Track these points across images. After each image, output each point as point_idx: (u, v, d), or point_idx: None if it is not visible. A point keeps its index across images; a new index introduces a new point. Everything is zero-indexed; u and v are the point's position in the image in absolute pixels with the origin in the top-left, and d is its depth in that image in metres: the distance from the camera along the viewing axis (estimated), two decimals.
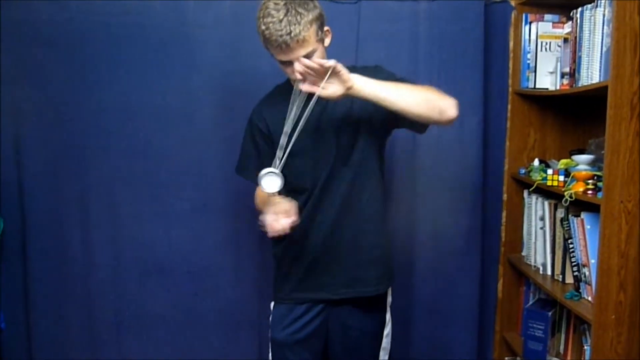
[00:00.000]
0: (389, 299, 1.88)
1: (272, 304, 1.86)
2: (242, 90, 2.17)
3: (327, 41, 1.66)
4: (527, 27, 2.31)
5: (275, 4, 1.53)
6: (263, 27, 1.53)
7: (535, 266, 2.28)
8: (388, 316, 1.87)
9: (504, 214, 2.48)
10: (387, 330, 1.87)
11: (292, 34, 1.51)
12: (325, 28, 1.63)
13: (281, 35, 1.51)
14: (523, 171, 2.35)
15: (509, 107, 2.41)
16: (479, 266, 2.41)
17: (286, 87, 1.71)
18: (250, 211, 1.89)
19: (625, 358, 1.76)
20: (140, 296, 2.36)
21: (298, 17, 1.51)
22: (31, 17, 2.15)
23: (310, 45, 1.55)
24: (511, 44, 2.39)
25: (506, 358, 2.53)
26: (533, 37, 2.30)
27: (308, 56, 1.53)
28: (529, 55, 2.32)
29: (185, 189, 2.31)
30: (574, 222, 1.96)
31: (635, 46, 1.64)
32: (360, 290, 1.77)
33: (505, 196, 2.47)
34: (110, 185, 2.29)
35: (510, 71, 2.40)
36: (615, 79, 1.66)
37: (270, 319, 1.85)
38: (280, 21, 1.50)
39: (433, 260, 2.39)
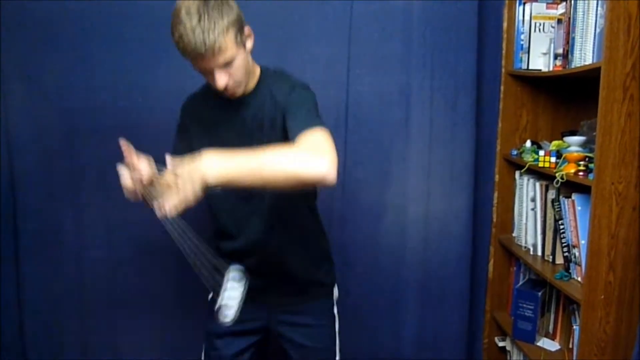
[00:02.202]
0: (335, 294, 1.87)
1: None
2: None
3: (250, 44, 1.52)
4: (520, 8, 2.30)
5: (187, 10, 1.39)
6: (176, 37, 1.41)
7: (525, 247, 2.30)
8: (335, 310, 1.85)
9: (495, 194, 2.49)
10: (337, 326, 1.84)
11: (208, 44, 1.37)
12: (246, 30, 1.49)
13: (196, 46, 1.37)
14: (515, 152, 2.35)
15: (502, 88, 2.40)
16: (469, 246, 2.42)
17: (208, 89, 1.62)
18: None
19: (613, 338, 1.78)
20: (133, 276, 2.36)
21: (212, 24, 1.37)
22: None
23: (229, 51, 1.41)
24: (505, 24, 2.38)
25: (496, 338, 2.56)
26: (527, 17, 2.29)
27: (228, 64, 1.44)
28: (522, 36, 2.31)
29: None
30: (565, 203, 1.97)
31: (628, 27, 1.64)
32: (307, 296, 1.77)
33: (496, 177, 2.48)
34: (102, 165, 2.26)
35: (504, 52, 2.39)
36: (608, 61, 1.66)
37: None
38: (193, 30, 1.36)
39: (424, 241, 2.40)
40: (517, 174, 2.38)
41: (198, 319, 2.38)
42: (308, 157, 1.31)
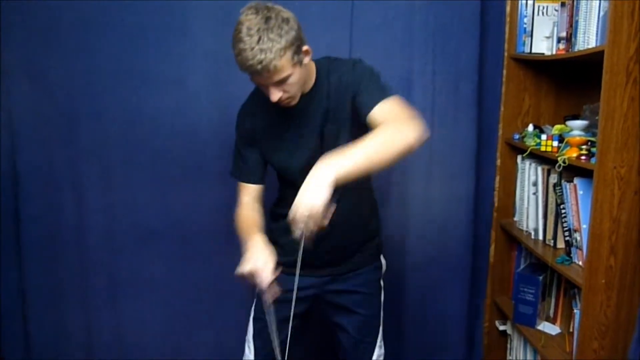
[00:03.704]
0: (383, 267, 1.92)
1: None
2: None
3: (307, 60, 1.55)
4: None
5: (249, 28, 1.43)
6: (236, 52, 1.46)
7: (527, 231, 2.30)
8: (382, 283, 1.90)
9: (497, 179, 2.49)
10: (383, 296, 1.90)
11: (264, 63, 1.42)
12: (304, 48, 1.52)
13: (252, 64, 1.42)
14: (517, 136, 2.35)
15: (504, 72, 2.39)
16: (471, 230, 2.43)
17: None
18: None
19: (614, 322, 1.79)
20: (133, 261, 2.37)
21: (270, 44, 1.42)
22: None
23: (285, 71, 1.47)
24: (508, 8, 2.36)
25: (497, 321, 2.57)
26: (530, 1, 2.27)
27: (282, 81, 1.48)
28: (525, 20, 2.29)
29: (179, 154, 2.30)
30: (567, 187, 1.97)
31: (633, 11, 1.63)
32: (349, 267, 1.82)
33: (498, 161, 2.47)
34: (103, 151, 2.27)
35: (507, 36, 2.38)
36: (611, 44, 1.64)
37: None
38: (252, 49, 1.41)
39: (426, 225, 2.40)
40: (519, 158, 2.38)
41: (201, 305, 2.41)
42: (403, 131, 1.40)
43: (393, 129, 1.41)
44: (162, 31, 2.21)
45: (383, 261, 1.93)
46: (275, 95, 1.51)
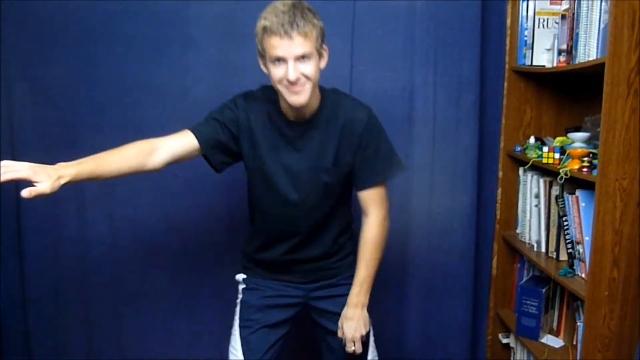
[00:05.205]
0: None
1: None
2: (238, 65, 2.17)
3: (324, 63, 1.64)
4: (524, 4, 2.29)
5: (284, 4, 1.52)
6: (264, 21, 1.52)
7: (529, 243, 2.30)
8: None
9: (499, 191, 2.48)
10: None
11: (296, 24, 1.49)
12: (325, 46, 1.62)
13: (284, 24, 1.48)
14: (519, 149, 2.35)
15: (505, 84, 2.40)
16: (473, 243, 2.42)
17: (271, 100, 1.70)
18: (243, 184, 1.88)
19: (617, 334, 1.78)
20: (136, 274, 2.36)
21: (304, 15, 1.51)
22: None
23: (310, 45, 1.53)
24: (508, 20, 2.37)
25: (500, 334, 2.55)
26: (530, 13, 2.28)
27: (304, 58, 1.52)
28: (526, 32, 2.30)
29: (181, 165, 2.29)
30: (569, 199, 1.96)
31: (633, 22, 1.63)
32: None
33: (500, 174, 2.47)
34: None
35: (507, 48, 2.38)
36: (612, 56, 1.65)
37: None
38: (285, 13, 1.49)
39: (428, 238, 2.39)
40: (521, 170, 2.37)
41: (203, 315, 2.40)
42: (385, 229, 1.79)
43: (383, 232, 1.78)
44: (166, 41, 2.22)
45: None
46: (295, 71, 1.52)
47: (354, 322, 1.76)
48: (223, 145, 1.70)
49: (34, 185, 1.31)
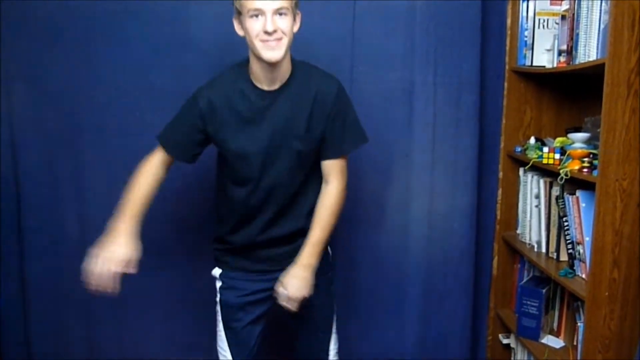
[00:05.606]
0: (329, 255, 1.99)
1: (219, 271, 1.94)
2: None
3: (296, 27, 1.69)
4: (524, 4, 2.29)
5: None
6: None
7: (530, 244, 2.29)
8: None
9: (499, 192, 2.48)
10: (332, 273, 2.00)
11: None
12: (298, 12, 1.68)
13: None
14: (519, 149, 2.34)
15: (506, 84, 2.40)
16: (474, 244, 2.42)
17: (242, 74, 1.75)
18: None
19: (618, 335, 1.78)
20: (137, 274, 2.36)
21: None
22: None
23: (287, 1, 1.60)
24: (508, 21, 2.37)
25: (500, 335, 2.55)
26: (531, 14, 2.27)
27: (282, 12, 1.59)
28: (526, 33, 2.30)
29: (182, 166, 2.30)
30: (569, 200, 1.96)
31: (633, 23, 1.63)
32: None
33: (500, 174, 2.47)
34: (105, 164, 2.28)
35: (508, 48, 2.38)
36: (612, 56, 1.65)
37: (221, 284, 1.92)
38: None
39: (428, 238, 2.39)
40: (521, 170, 2.37)
41: (203, 316, 2.39)
42: (342, 199, 1.83)
43: (340, 200, 1.83)
44: (166, 42, 2.22)
45: (329, 251, 1.98)
46: (272, 24, 1.58)
47: (298, 282, 1.76)
48: (193, 142, 1.79)
49: None
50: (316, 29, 2.17)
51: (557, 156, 2.04)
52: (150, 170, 1.81)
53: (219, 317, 1.90)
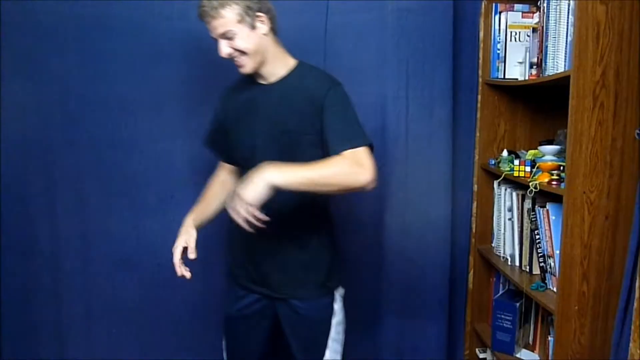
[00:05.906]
0: (340, 292, 1.85)
1: None
2: (210, 82, 2.15)
3: (264, 28, 1.66)
4: (497, 17, 2.29)
5: None
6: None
7: (504, 257, 2.28)
8: (337, 306, 1.83)
9: (474, 205, 2.47)
10: (337, 319, 1.83)
11: (212, 7, 1.58)
12: (259, 15, 1.64)
13: (205, 8, 1.60)
14: (493, 162, 2.34)
15: (479, 97, 2.40)
16: (449, 257, 2.40)
17: (246, 77, 1.77)
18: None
19: (588, 349, 1.76)
20: (109, 289, 2.34)
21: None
22: None
23: (230, 23, 1.60)
24: (481, 33, 2.37)
25: (477, 349, 2.53)
26: (503, 27, 2.28)
27: (227, 36, 1.61)
28: (498, 45, 2.30)
29: (153, 180, 2.29)
30: (540, 212, 1.96)
31: (597, 35, 1.63)
32: (301, 293, 1.79)
33: (475, 187, 2.46)
34: (77, 178, 2.27)
35: (480, 61, 2.38)
36: (577, 69, 1.65)
37: None
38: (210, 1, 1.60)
39: (403, 252, 2.37)
40: (496, 183, 2.36)
41: (174, 331, 2.37)
42: (355, 173, 1.53)
43: (348, 167, 1.54)
44: (137, 57, 2.22)
45: (337, 295, 1.84)
46: (223, 49, 1.63)
47: (244, 187, 1.49)
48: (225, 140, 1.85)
49: None
50: (287, 42, 2.16)
51: (528, 169, 2.03)
52: (217, 175, 1.92)
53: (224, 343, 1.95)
